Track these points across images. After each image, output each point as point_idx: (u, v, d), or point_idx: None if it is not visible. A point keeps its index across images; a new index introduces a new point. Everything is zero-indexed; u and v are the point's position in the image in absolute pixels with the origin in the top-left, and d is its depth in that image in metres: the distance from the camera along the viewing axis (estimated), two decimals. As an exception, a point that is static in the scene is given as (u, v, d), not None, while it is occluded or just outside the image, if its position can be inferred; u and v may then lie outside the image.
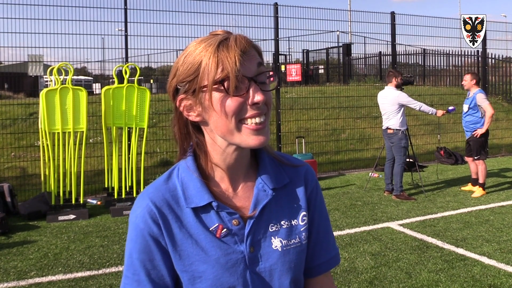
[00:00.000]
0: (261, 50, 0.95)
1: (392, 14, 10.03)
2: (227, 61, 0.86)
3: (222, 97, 0.88)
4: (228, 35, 0.90)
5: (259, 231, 0.96)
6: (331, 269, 1.06)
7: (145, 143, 6.86)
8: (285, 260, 0.97)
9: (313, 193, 1.05)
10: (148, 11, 8.28)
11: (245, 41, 0.89)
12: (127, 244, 0.95)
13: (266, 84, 0.92)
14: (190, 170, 0.96)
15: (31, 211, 5.90)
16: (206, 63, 0.88)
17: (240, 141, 0.91)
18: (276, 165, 1.03)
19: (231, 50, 0.87)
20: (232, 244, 0.93)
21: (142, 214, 0.93)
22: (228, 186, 0.98)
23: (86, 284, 3.82)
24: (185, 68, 0.91)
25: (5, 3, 7.28)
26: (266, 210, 0.97)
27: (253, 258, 0.94)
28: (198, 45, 0.90)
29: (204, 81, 0.88)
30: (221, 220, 0.94)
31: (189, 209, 0.94)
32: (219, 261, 0.92)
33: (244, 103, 0.88)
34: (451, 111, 6.79)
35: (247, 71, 0.88)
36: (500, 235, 4.90)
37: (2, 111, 8.20)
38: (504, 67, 13.59)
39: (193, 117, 0.94)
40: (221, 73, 0.86)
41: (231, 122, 0.89)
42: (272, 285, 0.96)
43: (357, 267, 4.03)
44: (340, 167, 9.43)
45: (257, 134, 0.90)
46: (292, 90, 11.85)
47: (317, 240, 1.04)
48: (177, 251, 0.93)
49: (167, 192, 0.95)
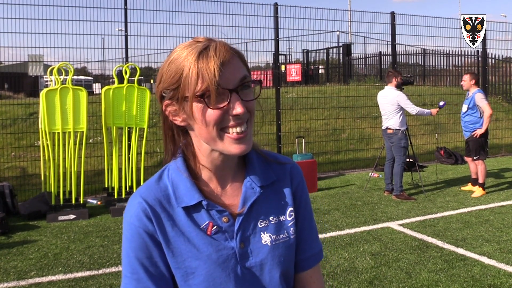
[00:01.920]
0: (243, 56, 0.96)
1: (392, 14, 10.03)
2: (206, 73, 0.87)
3: (203, 108, 0.90)
4: (209, 43, 0.91)
5: (249, 227, 0.99)
6: (317, 263, 1.09)
7: (145, 143, 6.86)
8: (274, 254, 0.99)
9: (299, 189, 1.07)
10: (148, 11, 8.29)
11: (225, 50, 0.90)
12: (123, 244, 0.97)
13: (250, 91, 0.94)
14: (180, 170, 0.99)
15: (31, 211, 5.90)
16: (187, 74, 0.89)
17: (222, 148, 0.93)
18: (264, 163, 1.06)
19: (211, 60, 0.88)
20: (223, 241, 0.96)
21: (136, 213, 0.96)
22: (217, 185, 1.01)
23: (86, 284, 3.82)
24: (169, 76, 0.93)
25: (5, 3, 7.28)
26: (254, 207, 1.00)
27: (244, 253, 0.97)
28: (181, 52, 0.92)
29: (186, 91, 0.90)
30: (211, 218, 0.96)
31: (180, 208, 0.96)
32: (211, 257, 0.95)
33: (225, 114, 0.90)
34: (442, 106, 6.84)
35: (228, 82, 0.89)
36: (500, 235, 4.90)
37: (2, 111, 8.20)
38: (504, 67, 13.59)
39: (178, 122, 0.97)
40: (201, 85, 0.88)
41: (213, 131, 0.91)
42: (262, 279, 0.99)
43: (357, 267, 4.03)
44: (340, 167, 9.43)
45: (239, 143, 0.92)
46: (292, 90, 11.85)
47: (301, 235, 1.07)
48: (170, 249, 0.95)
49: (158, 192, 0.98)
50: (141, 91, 6.29)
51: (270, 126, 9.18)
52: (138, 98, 6.25)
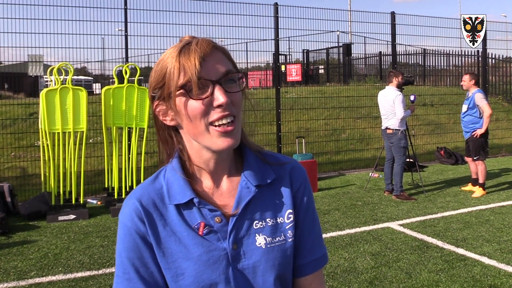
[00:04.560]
0: (228, 52, 0.96)
1: (392, 14, 10.03)
2: (187, 65, 0.89)
3: (187, 100, 0.90)
4: (191, 40, 0.93)
5: (243, 228, 0.96)
6: (318, 269, 1.04)
7: (145, 143, 6.86)
8: (269, 257, 0.97)
9: (300, 191, 1.03)
10: (148, 11, 8.28)
11: (206, 44, 0.91)
12: (117, 244, 0.97)
13: (236, 85, 0.93)
14: (175, 169, 0.99)
15: (31, 211, 5.90)
16: (169, 69, 0.91)
17: (210, 143, 0.93)
18: (262, 162, 1.03)
19: (192, 53, 0.89)
20: (215, 241, 0.95)
21: (129, 213, 0.96)
22: (212, 185, 1.00)
23: (86, 284, 3.82)
24: (156, 76, 0.94)
25: (5, 3, 7.28)
26: (249, 207, 0.98)
27: (236, 255, 0.95)
28: (167, 53, 0.94)
29: (170, 87, 0.91)
30: (203, 218, 0.95)
31: (172, 207, 0.96)
32: (201, 258, 0.94)
33: (209, 106, 0.90)
34: (414, 100, 6.86)
35: (210, 74, 0.90)
36: (500, 235, 4.89)
37: (2, 111, 8.20)
38: (504, 67, 13.58)
39: (168, 122, 0.97)
40: (184, 78, 0.89)
41: (200, 125, 0.91)
42: (255, 282, 0.96)
43: (357, 267, 4.03)
44: (340, 167, 9.43)
45: (225, 136, 0.91)
46: (292, 90, 11.85)
47: (303, 239, 1.03)
48: (161, 249, 0.95)
49: (153, 191, 0.98)
50: (141, 91, 6.29)
51: (270, 126, 9.18)
52: (138, 98, 6.25)
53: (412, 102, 6.83)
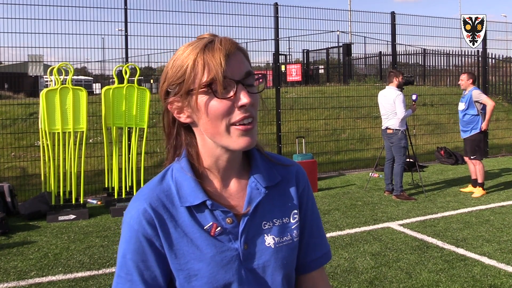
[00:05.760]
0: (247, 53, 0.96)
1: (392, 14, 10.03)
2: (212, 63, 0.88)
3: (210, 99, 0.90)
4: (214, 38, 0.92)
5: (253, 229, 0.98)
6: (324, 264, 1.09)
7: (145, 143, 6.86)
8: (278, 257, 0.99)
9: (305, 192, 1.07)
10: (148, 11, 8.29)
11: (230, 43, 0.90)
12: (121, 245, 0.96)
13: (254, 86, 0.94)
14: (184, 170, 0.97)
15: (31, 211, 5.90)
16: (193, 66, 0.89)
17: (229, 143, 0.92)
18: (268, 164, 1.05)
19: (217, 52, 0.88)
20: (227, 242, 0.95)
21: (137, 216, 0.94)
22: (222, 186, 1.00)
23: (86, 284, 3.82)
24: (174, 72, 0.93)
25: (5, 3, 7.28)
26: (259, 208, 0.99)
27: (247, 255, 0.96)
28: (185, 49, 0.92)
29: (192, 84, 0.90)
30: (215, 219, 0.95)
31: (183, 208, 0.95)
32: (214, 258, 0.94)
33: (232, 106, 0.90)
34: (415, 99, 6.86)
35: (233, 73, 0.89)
36: (500, 235, 4.89)
37: (2, 111, 8.20)
38: (504, 67, 13.58)
39: (183, 119, 0.96)
40: (208, 75, 0.88)
41: (221, 125, 0.91)
42: (265, 281, 0.98)
43: (357, 267, 4.03)
44: (340, 167, 9.43)
45: (245, 135, 0.91)
46: (292, 90, 11.85)
47: (310, 237, 1.07)
48: (173, 251, 0.94)
49: (161, 193, 0.96)
50: (141, 91, 6.29)
51: (270, 126, 9.18)
52: (138, 98, 6.25)
53: (414, 101, 6.84)
